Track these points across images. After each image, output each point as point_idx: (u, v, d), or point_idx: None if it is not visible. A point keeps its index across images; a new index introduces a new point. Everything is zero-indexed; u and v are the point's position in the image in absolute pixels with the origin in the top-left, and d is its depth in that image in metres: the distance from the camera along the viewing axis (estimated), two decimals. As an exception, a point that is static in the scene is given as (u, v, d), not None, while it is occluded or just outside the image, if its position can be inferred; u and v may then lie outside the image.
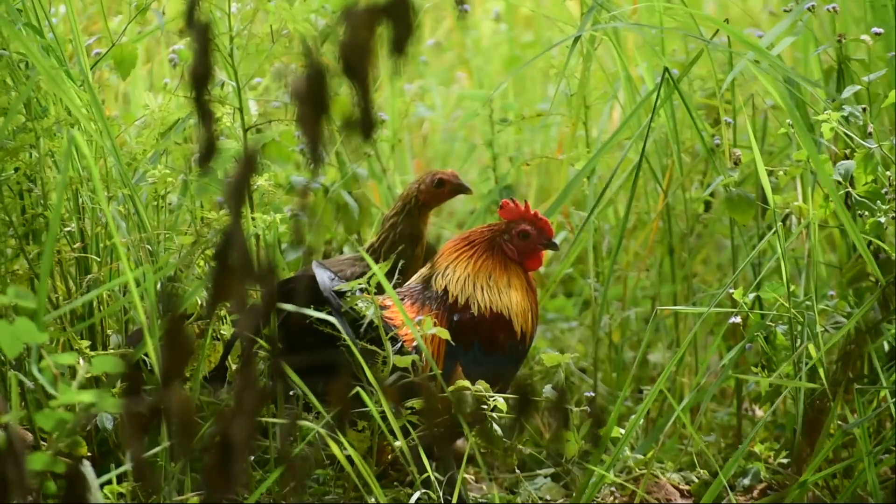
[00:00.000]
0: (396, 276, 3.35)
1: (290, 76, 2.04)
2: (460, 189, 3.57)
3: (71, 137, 2.81)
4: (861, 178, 3.12)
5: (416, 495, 2.97)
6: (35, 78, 2.96)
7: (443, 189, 3.54)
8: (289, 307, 2.86)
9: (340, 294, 2.99)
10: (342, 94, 2.00)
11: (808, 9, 3.29)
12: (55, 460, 2.30)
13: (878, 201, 3.11)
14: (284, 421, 2.91)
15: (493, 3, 4.97)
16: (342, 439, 2.89)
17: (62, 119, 3.01)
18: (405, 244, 3.50)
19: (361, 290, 2.99)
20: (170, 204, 3.19)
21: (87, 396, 2.32)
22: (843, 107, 3.17)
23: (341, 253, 3.97)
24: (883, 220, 3.11)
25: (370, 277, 2.97)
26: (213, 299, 2.09)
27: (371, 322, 2.97)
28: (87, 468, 2.27)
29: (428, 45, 5.09)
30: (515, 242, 3.15)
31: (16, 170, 3.06)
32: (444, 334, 3.04)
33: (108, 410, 2.50)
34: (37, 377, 2.45)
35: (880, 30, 3.38)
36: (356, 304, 2.97)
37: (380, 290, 3.00)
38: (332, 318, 2.93)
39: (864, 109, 3.19)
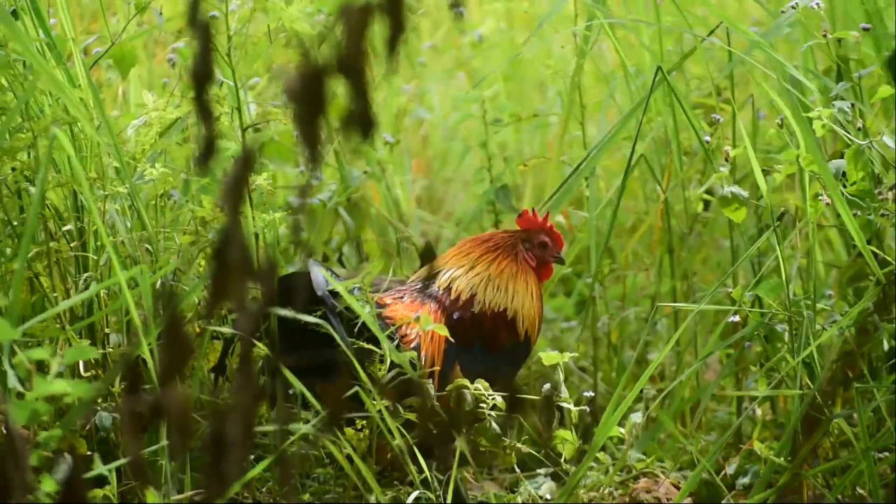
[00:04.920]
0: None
1: (285, 75, 2.04)
2: None
3: (53, 136, 2.80)
4: (853, 175, 3.12)
5: (415, 494, 2.97)
6: (34, 78, 2.96)
7: None
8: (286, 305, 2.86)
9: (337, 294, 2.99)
10: (340, 93, 2.01)
11: (793, 6, 3.30)
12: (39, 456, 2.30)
13: (868, 199, 3.11)
14: (279, 418, 2.91)
15: (490, 6, 4.97)
16: (340, 438, 2.89)
17: (59, 118, 3.00)
18: None
19: (357, 290, 2.99)
20: (171, 201, 3.19)
21: (60, 386, 2.33)
22: (833, 103, 3.17)
23: (340, 252, 3.99)
24: (872, 217, 3.11)
25: (365, 276, 2.98)
26: (213, 298, 2.09)
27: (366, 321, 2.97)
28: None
29: (425, 47, 5.09)
30: (536, 252, 3.18)
31: (13, 169, 3.07)
32: (443, 331, 3.05)
33: (81, 395, 2.49)
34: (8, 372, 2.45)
35: (868, 25, 3.38)
36: (351, 304, 2.97)
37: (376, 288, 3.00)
38: (324, 317, 2.93)
39: (852, 105, 3.19)
